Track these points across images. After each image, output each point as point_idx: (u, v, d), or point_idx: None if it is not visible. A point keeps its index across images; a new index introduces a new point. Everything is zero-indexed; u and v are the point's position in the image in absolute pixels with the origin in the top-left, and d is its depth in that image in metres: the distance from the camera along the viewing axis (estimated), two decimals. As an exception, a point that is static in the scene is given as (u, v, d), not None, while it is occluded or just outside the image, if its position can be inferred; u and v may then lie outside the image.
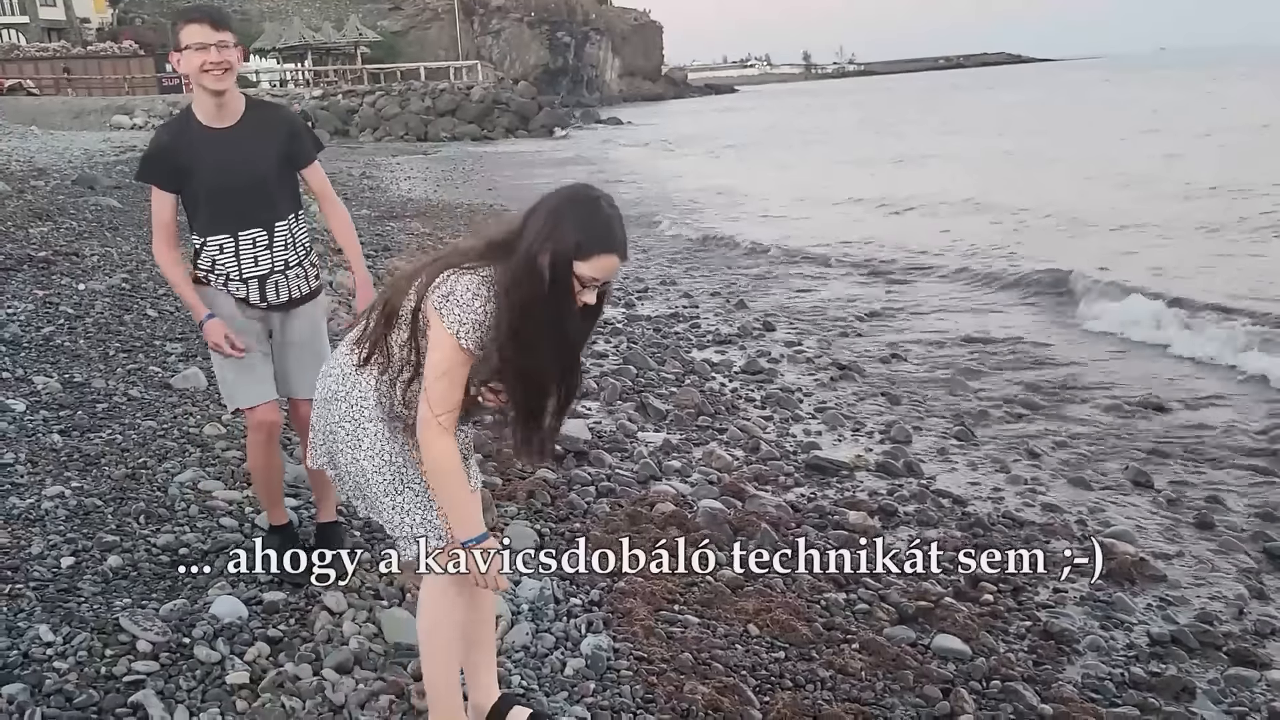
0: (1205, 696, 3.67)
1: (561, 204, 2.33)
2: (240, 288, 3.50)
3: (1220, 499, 5.52)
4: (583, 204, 2.32)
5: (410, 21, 79.61)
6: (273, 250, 3.50)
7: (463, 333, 2.29)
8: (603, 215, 2.31)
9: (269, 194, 3.48)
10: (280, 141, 3.50)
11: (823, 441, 6.41)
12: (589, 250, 2.27)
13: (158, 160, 3.43)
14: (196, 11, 3.32)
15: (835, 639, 3.76)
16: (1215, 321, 9.16)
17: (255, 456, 3.70)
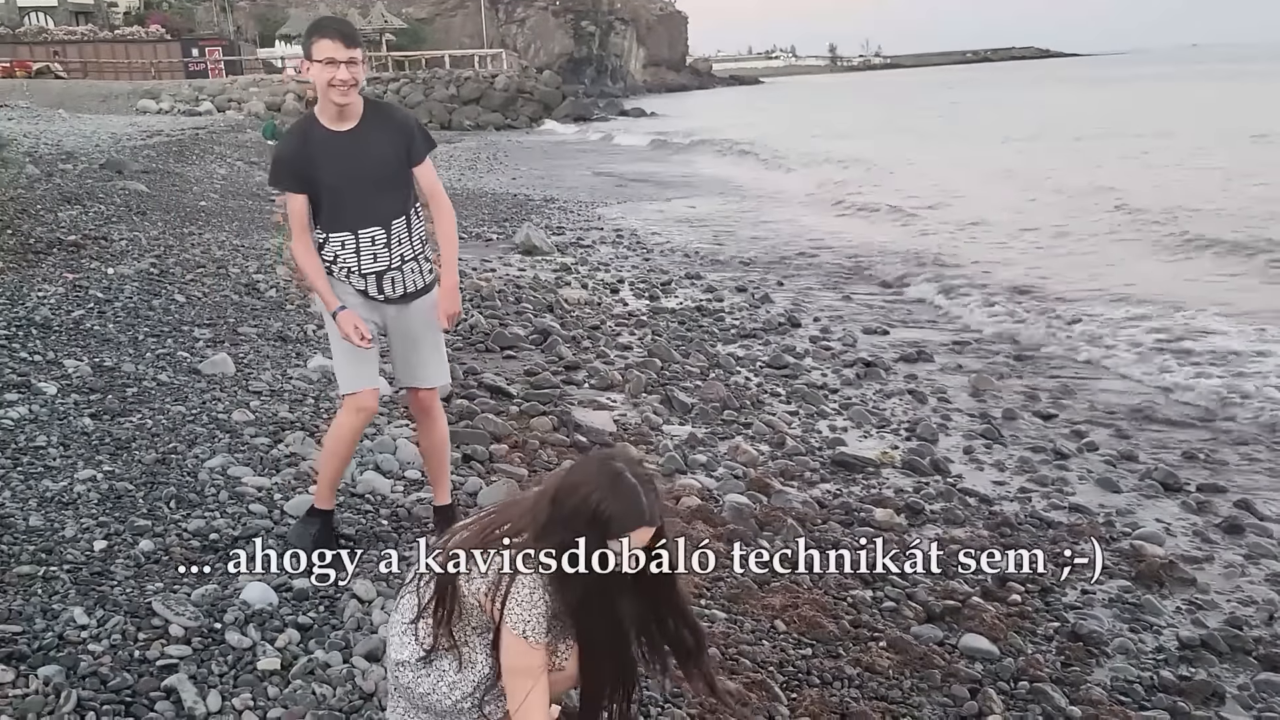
0: (1235, 701, 3.64)
1: (589, 485, 2.29)
2: (360, 281, 3.67)
3: (1250, 504, 5.47)
4: (611, 481, 2.28)
5: (436, 9, 79.73)
6: (390, 247, 3.65)
7: (529, 630, 2.28)
8: (630, 487, 2.28)
9: (387, 193, 3.63)
10: (398, 141, 3.63)
11: (848, 438, 6.39)
12: (620, 529, 2.26)
13: (285, 167, 3.62)
14: (330, 27, 3.51)
15: (863, 636, 3.75)
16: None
17: (338, 437, 3.81)
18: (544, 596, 2.28)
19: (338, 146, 3.55)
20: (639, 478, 2.31)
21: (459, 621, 2.38)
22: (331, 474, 3.89)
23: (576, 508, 2.26)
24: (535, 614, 2.28)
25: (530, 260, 11.94)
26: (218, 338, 6.69)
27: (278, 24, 64.03)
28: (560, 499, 2.30)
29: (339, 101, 3.50)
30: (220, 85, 47.38)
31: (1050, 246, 13.97)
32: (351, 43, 3.47)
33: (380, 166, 3.60)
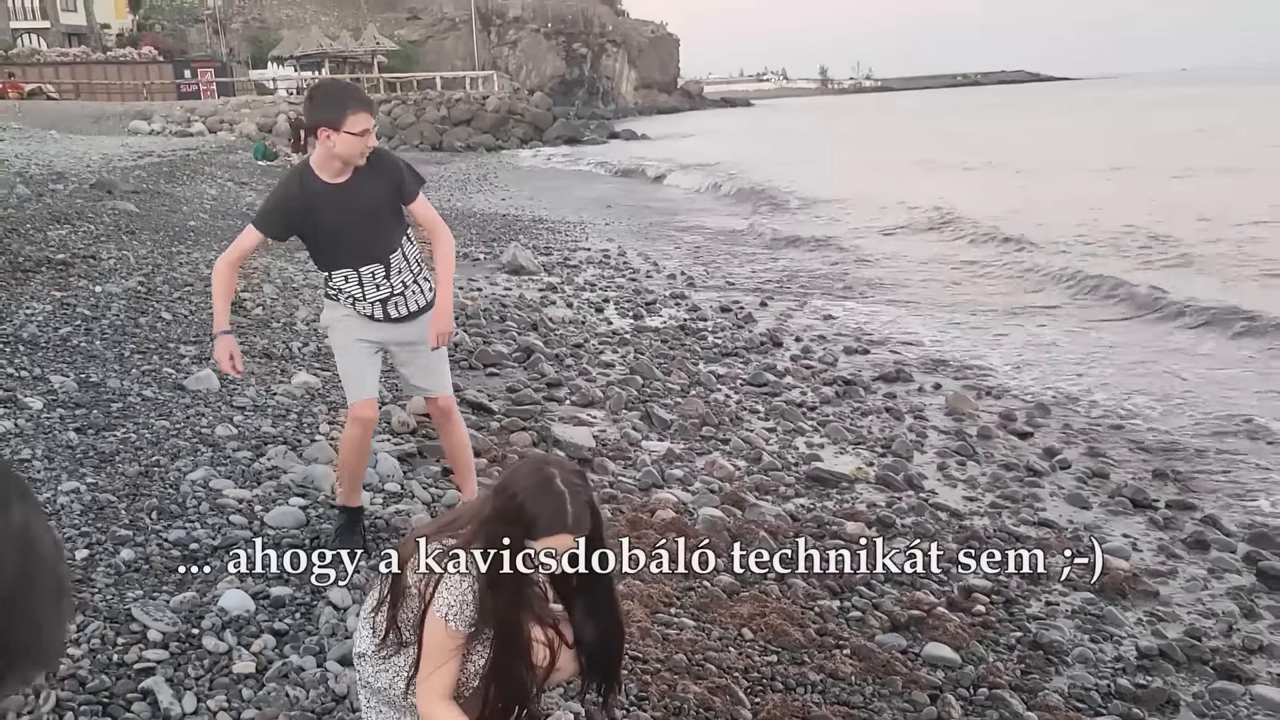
0: (1189, 709, 3.74)
1: (517, 485, 2.39)
2: (367, 308, 3.97)
3: (1216, 520, 5.59)
4: (539, 484, 2.36)
5: (428, 31, 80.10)
6: (390, 277, 3.94)
7: (451, 615, 2.36)
8: (556, 494, 2.34)
9: (382, 235, 3.91)
10: (389, 187, 3.88)
11: (824, 454, 6.49)
12: (540, 531, 2.33)
13: (277, 214, 3.90)
14: (360, 101, 3.76)
15: (828, 644, 3.85)
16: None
17: (345, 444, 4.11)
18: (472, 586, 2.35)
19: (334, 199, 3.80)
20: (569, 486, 2.37)
21: (405, 611, 2.45)
22: (348, 477, 4.16)
23: (504, 506, 2.35)
24: (460, 601, 2.35)
25: (517, 280, 12.05)
26: (203, 354, 6.77)
27: (270, 46, 64.28)
28: (495, 497, 2.40)
29: (359, 163, 3.78)
30: (212, 106, 47.54)
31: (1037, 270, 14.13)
32: (375, 112, 3.81)
33: (375, 213, 3.86)
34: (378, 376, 4.21)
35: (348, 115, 3.65)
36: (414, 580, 2.43)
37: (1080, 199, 20.57)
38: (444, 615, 2.35)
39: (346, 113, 3.66)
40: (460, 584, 2.36)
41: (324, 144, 3.72)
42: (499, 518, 2.36)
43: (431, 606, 2.37)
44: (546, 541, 2.34)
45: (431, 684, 2.37)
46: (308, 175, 3.84)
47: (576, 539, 2.37)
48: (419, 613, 2.41)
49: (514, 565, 2.34)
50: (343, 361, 4.09)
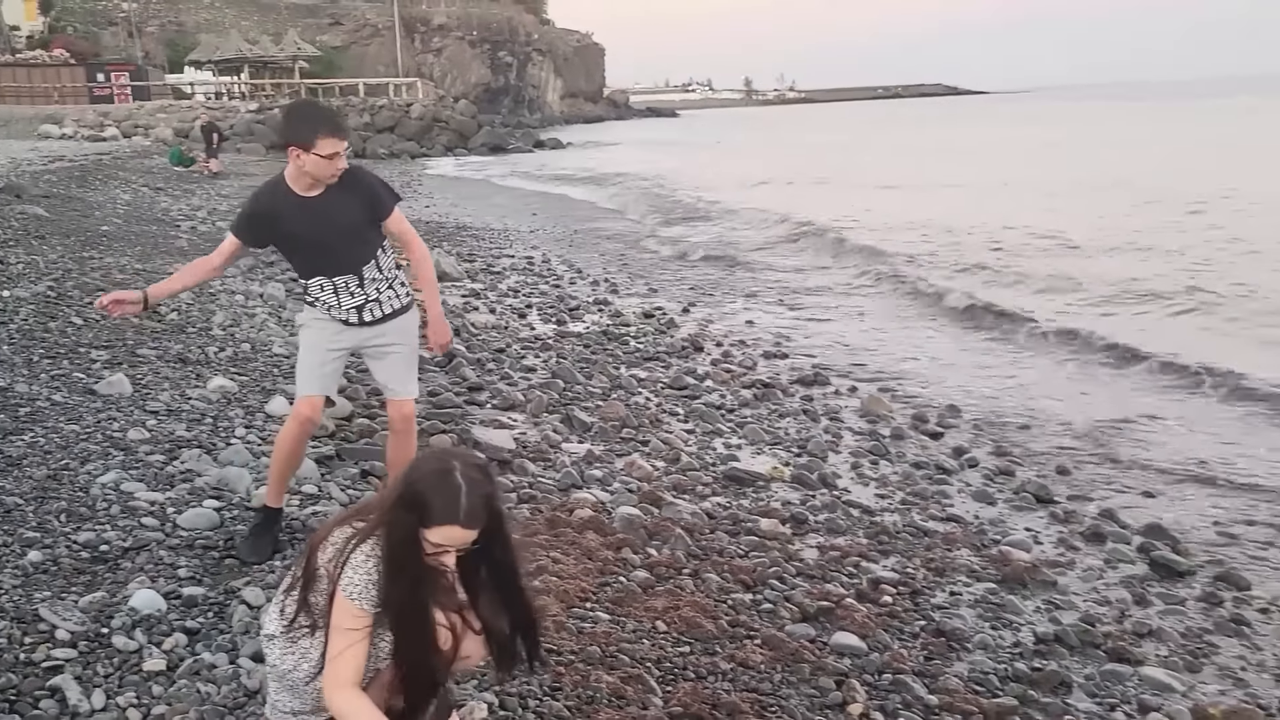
0: (1081, 690, 3.92)
1: (417, 473, 2.42)
2: (340, 313, 4.09)
3: (1113, 513, 5.84)
4: (436, 473, 2.38)
5: (350, 37, 79.21)
6: (364, 286, 4.07)
7: (356, 594, 2.38)
8: (452, 485, 2.35)
9: (355, 247, 4.03)
10: (362, 203, 4.00)
11: (742, 454, 6.62)
12: (431, 520, 2.35)
13: (252, 222, 4.03)
14: (332, 125, 3.83)
15: (739, 635, 3.95)
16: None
17: (285, 440, 4.12)
18: (377, 567, 2.39)
19: (308, 212, 3.91)
20: (468, 479, 2.38)
21: (315, 595, 2.47)
22: (276, 474, 4.18)
23: (403, 493, 2.40)
24: (365, 581, 2.38)
25: (440, 286, 12.00)
26: (115, 359, 6.65)
27: (187, 49, 62.88)
28: (399, 483, 2.45)
29: (328, 183, 3.90)
30: (127, 111, 46.33)
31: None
32: (346, 135, 3.89)
33: (348, 227, 3.97)
34: (333, 380, 4.25)
35: (318, 139, 3.76)
36: (324, 562, 2.46)
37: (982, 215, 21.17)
38: (350, 595, 2.38)
39: (318, 137, 3.77)
40: (366, 564, 2.40)
41: (294, 162, 3.85)
42: (398, 503, 2.40)
43: (339, 588, 2.40)
44: (438, 531, 2.36)
45: (337, 668, 2.40)
46: (281, 187, 3.95)
47: (469, 532, 2.39)
48: (329, 595, 2.45)
49: (410, 551, 2.37)
50: (302, 357, 4.17)
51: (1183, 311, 11.56)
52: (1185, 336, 10.29)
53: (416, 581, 2.40)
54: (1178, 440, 7.29)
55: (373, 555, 2.41)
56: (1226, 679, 4.12)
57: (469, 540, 2.41)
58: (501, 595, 2.56)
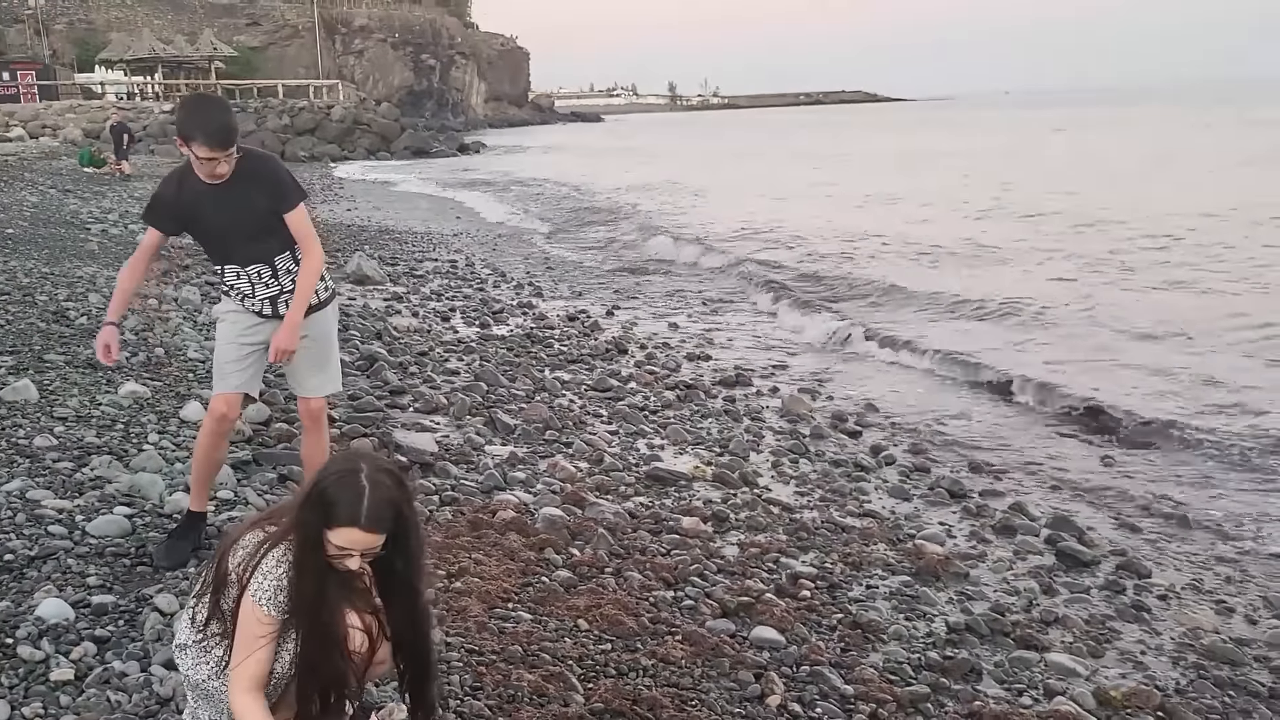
0: (990, 676, 4.05)
1: (325, 473, 2.41)
2: (254, 304, 4.03)
3: (1023, 507, 6.02)
4: (343, 474, 2.36)
5: (269, 38, 77.72)
6: (278, 277, 4.01)
7: (264, 599, 2.35)
8: (356, 487, 2.33)
9: (263, 238, 3.95)
10: (265, 194, 3.92)
11: (664, 455, 6.68)
12: (333, 521, 2.33)
13: (162, 209, 3.97)
14: (208, 133, 3.72)
15: (660, 632, 3.99)
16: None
17: (201, 441, 4.08)
18: (287, 572, 2.37)
19: (212, 199, 3.86)
20: (374, 483, 2.35)
21: (225, 601, 2.43)
22: (196, 476, 4.13)
23: (309, 492, 2.38)
24: (274, 586, 2.35)
25: (362, 289, 11.88)
26: (21, 365, 6.45)
27: (98, 48, 61.11)
28: (308, 483, 2.44)
29: (211, 183, 3.85)
30: (33, 110, 44.91)
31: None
32: (226, 145, 3.73)
33: (251, 217, 3.91)
34: (252, 377, 4.15)
35: (193, 144, 3.73)
36: (234, 567, 2.42)
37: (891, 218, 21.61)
38: (257, 600, 2.35)
39: (192, 142, 3.73)
40: (275, 569, 2.37)
41: (181, 151, 3.83)
42: (305, 503, 2.38)
43: (248, 593, 2.37)
44: (340, 533, 2.33)
45: (240, 673, 2.36)
46: (187, 174, 3.90)
47: (371, 536, 2.35)
48: (238, 600, 2.42)
49: (315, 553, 2.34)
50: (218, 352, 4.11)
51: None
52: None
53: (321, 583, 2.36)
54: (1082, 437, 7.54)
55: (283, 561, 2.38)
56: (1127, 662, 4.28)
57: (372, 545, 2.37)
58: (402, 610, 2.51)
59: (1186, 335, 10.41)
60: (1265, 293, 12.38)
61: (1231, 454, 6.95)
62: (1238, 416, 7.79)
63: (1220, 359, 9.48)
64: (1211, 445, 7.11)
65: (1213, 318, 11.13)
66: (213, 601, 2.43)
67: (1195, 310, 11.56)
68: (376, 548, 2.38)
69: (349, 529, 2.33)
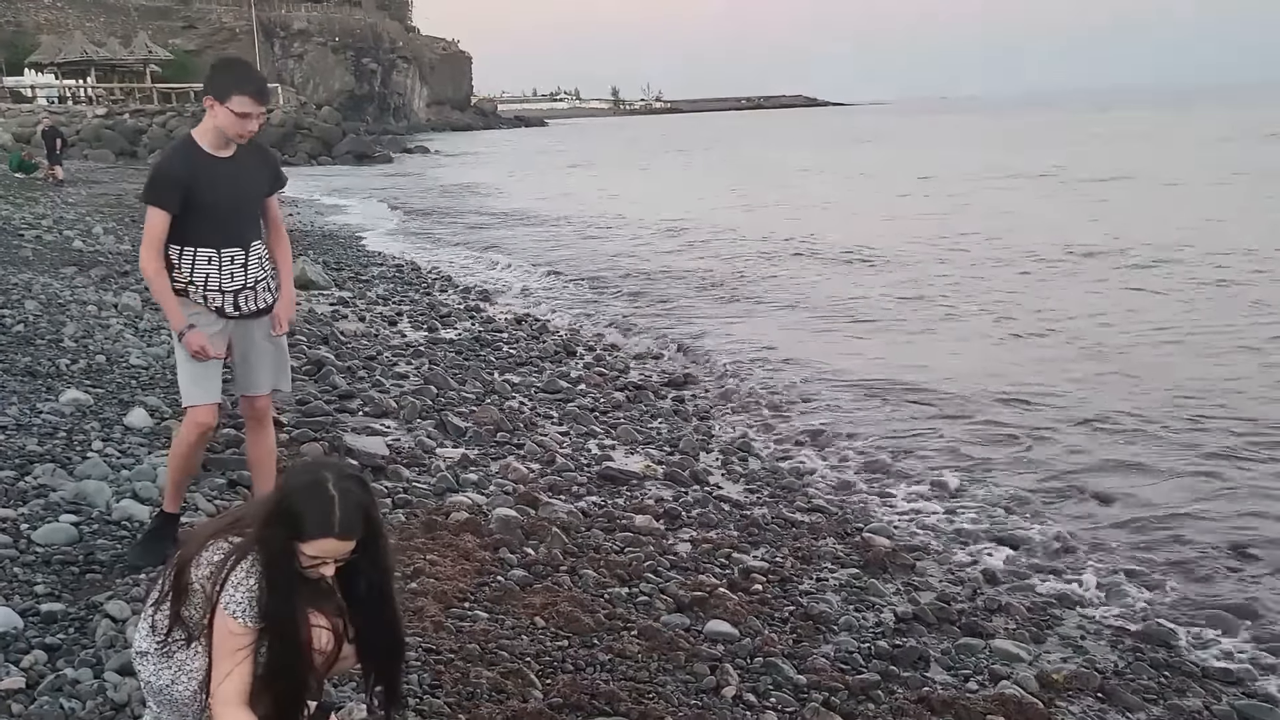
0: (938, 664, 4.15)
1: (289, 485, 2.41)
2: (218, 298, 3.94)
3: (966, 495, 6.16)
4: (309, 486, 2.36)
5: (205, 41, 76.39)
6: (247, 268, 3.98)
7: (239, 611, 2.35)
8: (325, 497, 2.33)
9: (250, 218, 4.00)
10: (266, 174, 4.02)
11: (615, 454, 6.72)
12: (305, 534, 2.33)
13: (166, 186, 3.80)
14: (250, 84, 3.79)
15: (616, 627, 4.03)
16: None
17: (177, 449, 4.08)
18: (258, 583, 2.36)
19: (219, 171, 3.85)
20: (341, 491, 2.36)
21: (190, 609, 2.42)
22: (176, 481, 4.12)
23: (277, 505, 2.38)
24: (248, 598, 2.35)
25: (306, 294, 11.76)
26: (-39, 372, 6.32)
27: (28, 51, 59.63)
28: (271, 498, 2.44)
29: (238, 143, 3.87)
30: (-40, 114, 43.76)
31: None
32: (265, 99, 3.88)
33: (253, 192, 3.99)
34: (218, 382, 4.10)
35: (234, 95, 3.73)
36: (198, 577, 2.41)
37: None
38: (233, 613, 2.35)
39: (234, 93, 3.74)
40: (247, 581, 2.37)
41: (210, 114, 3.82)
42: (271, 518, 2.37)
43: (220, 606, 2.36)
44: (314, 544, 2.34)
45: (226, 690, 2.35)
46: (189, 146, 3.87)
47: (345, 543, 2.38)
48: (205, 611, 2.40)
49: (287, 566, 2.35)
50: (184, 364, 3.98)
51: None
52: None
53: (293, 594, 2.37)
54: (1017, 422, 7.71)
55: (252, 571, 2.38)
56: (1068, 647, 4.41)
57: (346, 551, 2.39)
58: (374, 612, 2.53)
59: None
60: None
61: (1152, 434, 7.21)
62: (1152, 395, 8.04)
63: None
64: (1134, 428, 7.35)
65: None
66: (174, 610, 2.42)
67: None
68: (348, 553, 2.39)
69: (323, 540, 2.34)
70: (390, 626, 2.58)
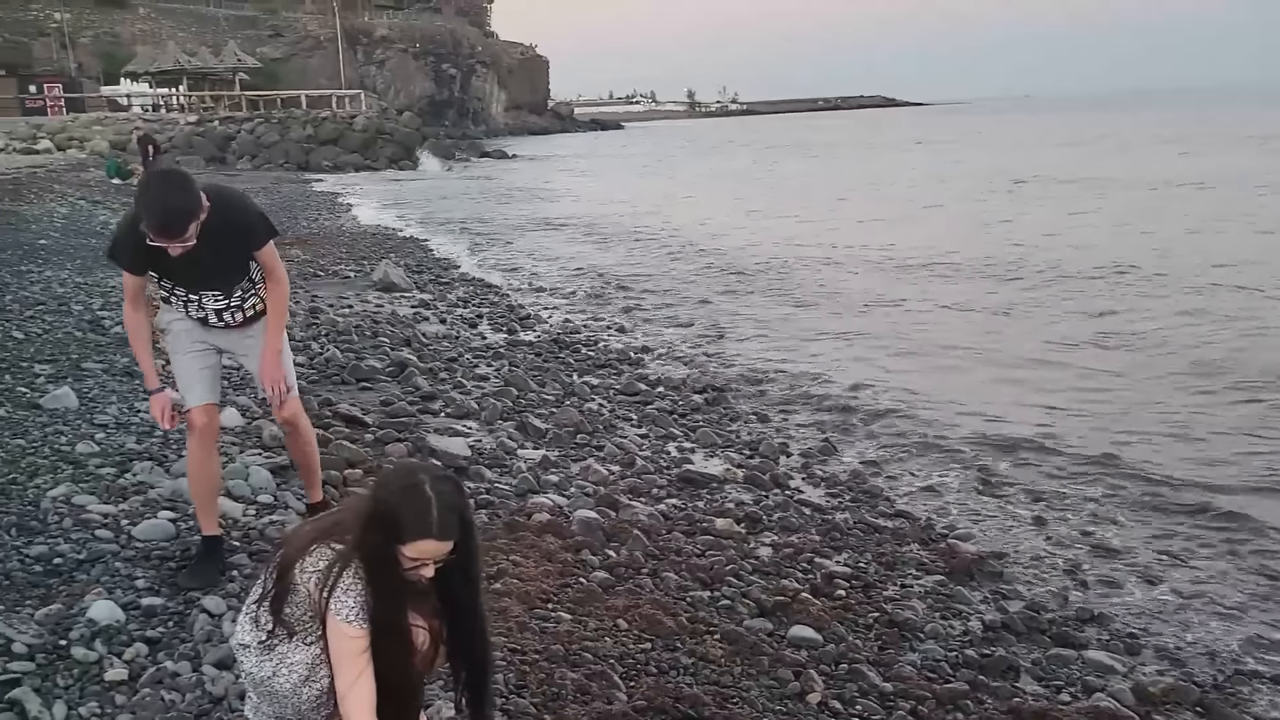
0: (1028, 674, 4.05)
1: (386, 489, 2.45)
2: (199, 313, 3.90)
3: (1054, 503, 6.01)
4: (406, 489, 2.41)
5: (292, 49, 78.34)
6: (229, 299, 3.90)
7: (351, 615, 2.40)
8: (423, 499, 2.38)
9: (226, 276, 3.84)
10: (237, 242, 3.76)
11: (695, 457, 6.71)
12: (405, 537, 2.38)
13: (124, 250, 3.71)
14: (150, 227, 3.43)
15: (699, 631, 4.02)
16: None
17: (192, 458, 3.99)
18: (363, 589, 2.41)
19: (175, 259, 3.57)
20: (439, 494, 2.40)
21: (292, 607, 2.47)
22: (196, 496, 4.03)
23: (374, 510, 2.41)
24: (357, 601, 2.39)
25: (389, 296, 11.97)
26: (59, 373, 6.56)
27: (124, 61, 61.72)
28: (367, 502, 2.46)
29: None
30: (60, 123, 45.44)
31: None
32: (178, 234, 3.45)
33: (216, 267, 3.76)
34: (213, 382, 4.03)
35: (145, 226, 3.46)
36: (302, 580, 2.46)
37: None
38: (345, 618, 2.39)
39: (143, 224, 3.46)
40: (355, 586, 2.42)
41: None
42: (370, 524, 2.41)
43: (331, 613, 2.41)
44: (413, 546, 2.38)
45: (357, 697, 2.40)
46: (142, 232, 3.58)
47: (443, 544, 2.41)
48: (310, 612, 2.46)
49: (388, 569, 2.39)
50: (177, 366, 3.97)
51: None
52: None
53: (400, 599, 2.42)
54: (1110, 430, 7.49)
55: (359, 577, 2.42)
56: (1164, 659, 4.28)
57: (444, 552, 2.42)
58: (463, 616, 2.57)
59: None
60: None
61: (1261, 449, 6.92)
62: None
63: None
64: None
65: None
66: (275, 608, 2.48)
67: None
68: (446, 554, 2.43)
69: (424, 541, 2.38)
70: (480, 628, 2.61)
